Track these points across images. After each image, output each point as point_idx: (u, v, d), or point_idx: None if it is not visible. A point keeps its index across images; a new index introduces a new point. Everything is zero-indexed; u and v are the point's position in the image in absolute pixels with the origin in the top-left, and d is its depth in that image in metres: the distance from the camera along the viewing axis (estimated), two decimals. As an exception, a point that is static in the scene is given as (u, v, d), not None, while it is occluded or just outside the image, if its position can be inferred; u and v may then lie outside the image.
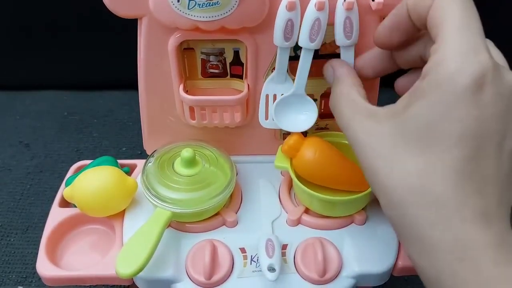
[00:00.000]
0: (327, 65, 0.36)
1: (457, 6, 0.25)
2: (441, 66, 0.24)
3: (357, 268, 0.36)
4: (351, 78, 0.34)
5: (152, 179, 0.38)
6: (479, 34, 0.25)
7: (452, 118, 0.24)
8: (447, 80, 0.24)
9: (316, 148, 0.38)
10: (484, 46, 0.24)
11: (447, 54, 0.24)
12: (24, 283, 0.48)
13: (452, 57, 0.24)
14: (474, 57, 0.24)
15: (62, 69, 0.71)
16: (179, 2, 0.33)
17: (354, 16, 0.35)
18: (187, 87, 0.41)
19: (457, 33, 0.24)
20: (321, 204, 0.38)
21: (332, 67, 0.36)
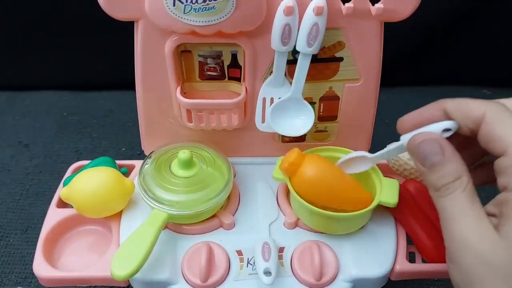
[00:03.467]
0: (431, 139, 0.30)
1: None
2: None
3: (354, 272, 0.36)
4: (469, 176, 0.29)
5: (149, 180, 0.38)
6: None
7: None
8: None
9: (316, 168, 0.37)
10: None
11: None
12: (24, 283, 0.48)
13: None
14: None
15: (62, 69, 0.71)
16: (175, 6, 0.33)
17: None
18: (185, 89, 0.41)
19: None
20: (319, 219, 0.37)
21: (440, 145, 0.29)
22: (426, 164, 0.29)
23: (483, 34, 0.70)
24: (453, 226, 0.27)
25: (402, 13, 0.36)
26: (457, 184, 0.28)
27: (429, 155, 0.29)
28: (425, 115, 0.31)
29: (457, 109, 0.29)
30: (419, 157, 0.30)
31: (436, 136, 0.30)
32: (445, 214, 0.28)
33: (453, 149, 0.29)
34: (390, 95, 0.73)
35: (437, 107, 0.31)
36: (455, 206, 0.28)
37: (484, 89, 0.76)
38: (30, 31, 0.68)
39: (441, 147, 0.29)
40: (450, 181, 0.28)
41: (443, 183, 0.28)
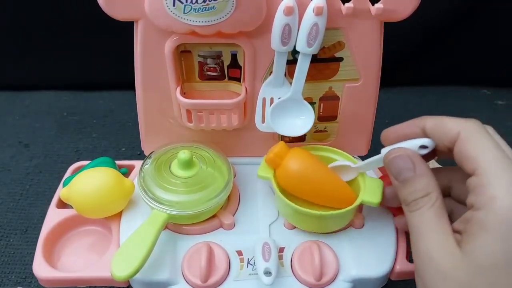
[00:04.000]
0: (404, 155, 0.31)
1: (487, 140, 0.28)
2: (497, 201, 0.26)
3: (354, 272, 0.36)
4: (438, 192, 0.30)
5: (149, 181, 0.38)
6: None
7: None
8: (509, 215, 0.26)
9: (300, 160, 0.37)
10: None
11: (499, 191, 0.26)
12: (24, 283, 0.48)
13: (506, 194, 0.26)
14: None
15: (62, 69, 0.71)
16: (175, 6, 0.33)
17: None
18: (185, 89, 0.41)
19: (500, 168, 0.27)
20: (300, 218, 0.38)
21: (412, 162, 0.30)
22: (399, 178, 0.31)
23: (483, 34, 0.70)
24: (418, 242, 0.28)
25: (402, 13, 0.36)
26: (426, 200, 0.29)
27: (402, 170, 0.31)
28: (405, 131, 0.33)
29: (435, 128, 0.31)
30: (393, 171, 0.31)
31: (410, 152, 0.31)
32: (413, 229, 0.29)
33: (425, 166, 0.30)
34: (390, 95, 0.73)
35: (417, 124, 0.32)
36: (422, 221, 0.29)
37: (484, 89, 0.76)
38: (30, 31, 0.68)
39: (413, 163, 0.30)
40: (419, 196, 0.29)
41: (413, 198, 0.29)
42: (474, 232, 0.26)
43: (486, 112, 0.72)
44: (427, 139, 0.31)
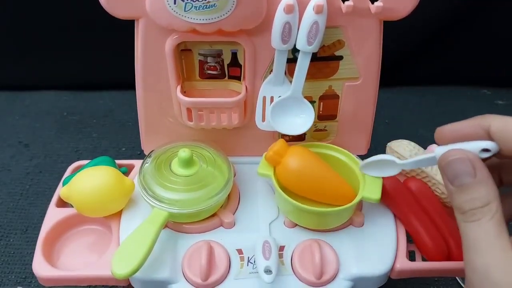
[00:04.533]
0: (464, 158, 0.28)
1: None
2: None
3: (354, 270, 0.36)
4: (499, 203, 0.27)
5: (149, 179, 0.38)
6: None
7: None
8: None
9: (300, 157, 0.37)
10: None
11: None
12: (24, 283, 0.48)
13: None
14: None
15: (62, 69, 0.72)
16: (176, 4, 0.33)
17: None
18: (185, 88, 0.41)
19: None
20: (301, 215, 0.37)
21: (473, 166, 0.27)
22: (455, 183, 0.27)
23: (483, 34, 0.70)
24: (475, 257, 0.26)
25: (401, 12, 0.36)
26: (485, 211, 0.26)
27: (460, 175, 0.27)
28: (466, 131, 0.29)
29: (502, 131, 0.27)
30: (449, 174, 0.28)
31: (471, 155, 0.27)
32: (469, 242, 0.27)
33: (486, 172, 0.27)
34: (390, 95, 0.73)
35: (480, 123, 0.29)
36: (480, 235, 0.26)
37: (484, 89, 0.77)
38: (30, 31, 0.68)
39: (473, 168, 0.27)
40: (478, 206, 0.26)
41: (471, 207, 0.27)
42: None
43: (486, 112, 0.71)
44: (490, 142, 0.28)
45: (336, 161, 0.40)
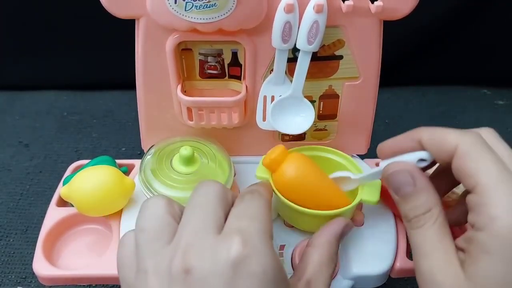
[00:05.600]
0: (403, 170, 0.30)
1: (487, 155, 0.27)
2: (498, 222, 0.25)
3: (354, 269, 0.36)
4: (440, 208, 0.29)
5: (150, 176, 0.38)
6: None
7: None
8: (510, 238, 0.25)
9: (297, 167, 0.36)
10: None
11: (500, 211, 0.25)
12: (24, 283, 0.48)
13: (506, 215, 0.25)
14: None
15: (62, 69, 0.71)
16: (176, 3, 0.33)
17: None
18: (185, 87, 0.41)
19: (501, 186, 0.26)
20: (300, 218, 0.37)
21: (412, 176, 0.30)
22: (399, 194, 0.30)
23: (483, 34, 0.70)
24: (421, 261, 0.28)
25: (402, 12, 0.36)
26: (428, 217, 0.28)
27: (401, 185, 0.30)
28: (401, 145, 0.32)
29: (431, 141, 0.29)
30: (392, 186, 0.30)
31: (409, 166, 0.30)
32: (415, 248, 0.28)
33: (425, 180, 0.29)
34: (390, 95, 0.73)
35: (412, 137, 0.31)
36: (424, 240, 0.28)
37: (484, 89, 0.77)
38: (30, 31, 0.68)
39: (412, 178, 0.29)
40: (421, 213, 0.28)
41: (414, 215, 0.29)
42: (476, 254, 0.26)
43: (486, 112, 0.72)
44: (425, 152, 0.30)
45: (335, 164, 0.40)
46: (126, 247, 0.28)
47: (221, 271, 0.24)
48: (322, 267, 0.31)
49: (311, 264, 0.31)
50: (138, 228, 0.28)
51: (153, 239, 0.27)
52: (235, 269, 0.24)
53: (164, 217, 0.28)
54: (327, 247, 0.32)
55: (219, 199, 0.29)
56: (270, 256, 0.26)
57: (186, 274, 0.24)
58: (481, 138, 0.28)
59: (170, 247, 0.26)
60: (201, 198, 0.29)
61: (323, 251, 0.32)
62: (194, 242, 0.26)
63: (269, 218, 0.29)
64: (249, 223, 0.27)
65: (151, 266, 0.26)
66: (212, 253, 0.25)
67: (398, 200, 0.30)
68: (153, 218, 0.28)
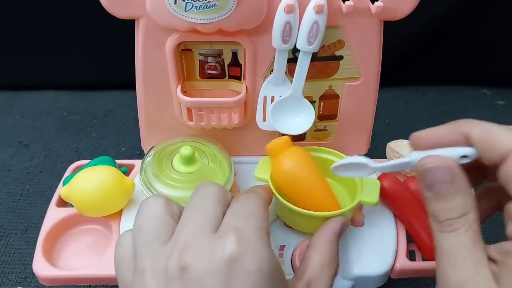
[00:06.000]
0: (444, 167, 0.27)
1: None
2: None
3: (355, 270, 0.36)
4: (476, 214, 0.26)
5: (150, 176, 0.38)
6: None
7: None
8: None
9: (295, 160, 0.36)
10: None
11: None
12: (24, 283, 0.48)
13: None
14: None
15: (62, 69, 0.71)
16: (176, 4, 0.33)
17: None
18: (185, 88, 0.41)
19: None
20: (298, 219, 0.37)
21: (452, 174, 0.26)
22: (432, 190, 0.27)
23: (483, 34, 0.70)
24: (450, 270, 0.25)
25: (402, 12, 0.36)
26: (462, 221, 0.25)
27: (438, 182, 0.26)
28: (445, 138, 0.28)
29: (482, 138, 0.26)
30: (426, 181, 0.27)
31: (451, 163, 0.27)
32: (443, 253, 0.26)
33: (465, 182, 0.26)
34: (390, 95, 0.73)
35: (459, 129, 0.28)
36: (455, 247, 0.25)
37: (484, 89, 0.77)
38: (30, 31, 0.68)
39: (452, 177, 0.26)
40: (455, 216, 0.26)
41: (447, 217, 0.26)
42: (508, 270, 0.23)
43: (486, 112, 0.72)
44: (470, 148, 0.27)
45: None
46: (124, 247, 0.28)
47: (216, 270, 0.24)
48: (324, 268, 0.31)
49: (311, 265, 0.31)
50: (136, 227, 0.28)
51: (151, 238, 0.27)
52: (230, 267, 0.24)
53: (163, 216, 0.28)
54: (327, 247, 0.32)
55: (218, 200, 0.29)
56: (266, 254, 0.26)
57: (183, 273, 0.24)
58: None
59: (167, 247, 0.26)
60: (200, 198, 0.29)
61: (324, 252, 0.32)
62: (191, 241, 0.26)
63: (265, 216, 0.29)
64: (244, 221, 0.27)
65: (148, 265, 0.26)
66: (208, 251, 0.25)
67: (429, 197, 0.27)
68: (152, 218, 0.28)
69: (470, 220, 0.25)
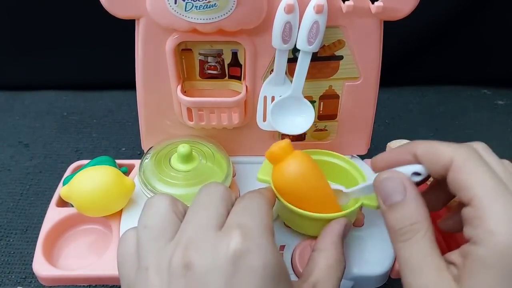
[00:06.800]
0: (395, 178, 0.29)
1: (482, 168, 0.26)
2: (496, 237, 0.24)
3: (354, 270, 0.36)
4: (429, 222, 0.27)
5: (149, 174, 0.38)
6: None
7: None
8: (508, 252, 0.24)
9: (299, 167, 0.35)
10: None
11: (497, 225, 0.25)
12: (24, 283, 0.48)
13: (504, 229, 0.24)
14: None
15: (62, 69, 0.72)
16: (176, 4, 0.33)
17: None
18: (185, 87, 0.41)
19: (497, 200, 0.25)
20: (300, 221, 0.37)
21: (403, 185, 0.28)
22: (387, 202, 0.28)
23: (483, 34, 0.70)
24: (412, 279, 0.26)
25: (402, 12, 0.36)
26: (416, 229, 0.27)
27: (391, 193, 0.28)
28: (396, 158, 0.31)
29: (426, 154, 0.29)
30: (381, 194, 0.29)
31: (401, 175, 0.29)
32: (403, 262, 0.27)
33: (416, 192, 0.28)
34: (390, 95, 0.73)
35: (407, 150, 0.30)
36: (412, 254, 0.27)
37: (484, 89, 0.77)
38: (29, 31, 0.68)
39: (404, 187, 0.28)
40: (409, 223, 0.27)
41: (401, 226, 0.27)
42: (473, 268, 0.25)
43: (486, 112, 0.72)
44: (419, 165, 0.29)
45: (337, 169, 0.40)
46: (127, 245, 0.28)
47: (220, 266, 0.24)
48: (330, 270, 0.31)
49: (317, 267, 0.31)
50: (141, 225, 0.28)
51: (156, 236, 0.27)
52: (235, 263, 0.24)
53: (168, 215, 0.28)
54: (333, 249, 0.32)
55: (223, 199, 0.29)
56: (271, 251, 0.26)
57: (187, 270, 0.24)
58: (475, 151, 0.27)
59: (171, 244, 0.26)
60: (205, 198, 0.29)
61: (330, 254, 0.32)
62: (196, 238, 0.26)
63: (270, 215, 0.29)
64: (249, 219, 0.27)
65: (152, 262, 0.26)
66: (212, 248, 0.25)
67: (385, 210, 0.29)
68: (157, 216, 0.28)
69: (424, 227, 0.27)
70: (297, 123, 0.39)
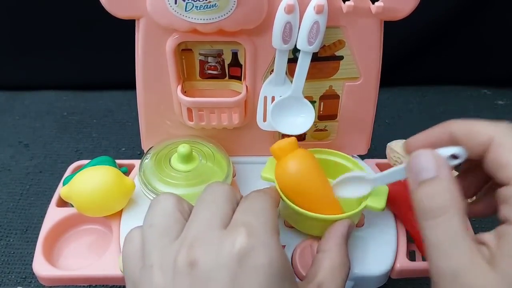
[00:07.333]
0: (428, 154, 0.27)
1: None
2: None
3: (355, 270, 0.36)
4: (462, 201, 0.26)
5: (149, 174, 0.38)
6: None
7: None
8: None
9: (301, 163, 0.35)
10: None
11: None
12: (24, 283, 0.48)
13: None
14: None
15: (62, 69, 0.72)
16: (176, 4, 0.33)
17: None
18: (186, 88, 0.41)
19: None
20: (304, 221, 0.36)
21: (437, 162, 0.27)
22: (418, 179, 0.27)
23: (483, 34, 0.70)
24: (440, 260, 0.25)
25: (402, 12, 0.36)
26: (448, 207, 0.25)
27: (423, 169, 0.27)
28: (431, 139, 0.29)
29: (463, 132, 0.27)
30: (412, 171, 0.27)
31: (436, 153, 0.27)
32: (431, 245, 0.25)
33: (449, 170, 0.27)
34: (390, 95, 0.73)
35: (443, 129, 0.29)
36: (443, 235, 0.25)
37: (484, 89, 0.77)
38: (29, 31, 0.68)
39: (437, 164, 0.26)
40: (440, 203, 0.25)
41: (432, 205, 0.25)
42: (510, 250, 0.23)
43: (486, 112, 0.72)
44: (458, 147, 0.27)
45: (340, 167, 0.40)
46: (132, 244, 0.28)
47: (225, 264, 0.24)
48: (335, 271, 0.31)
49: (322, 269, 0.31)
50: (147, 224, 0.28)
51: (161, 234, 0.27)
52: (240, 261, 0.24)
53: (173, 213, 0.28)
54: (337, 250, 0.32)
55: (227, 198, 0.29)
56: (276, 249, 0.26)
57: (191, 268, 0.24)
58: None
59: (177, 242, 0.26)
60: (210, 197, 0.29)
61: (334, 255, 0.32)
62: (200, 236, 0.26)
63: (275, 215, 0.29)
64: (254, 218, 0.27)
65: (157, 261, 0.26)
66: (217, 246, 0.25)
67: (415, 187, 0.27)
68: (162, 215, 0.28)
69: (456, 206, 0.25)
70: (297, 123, 0.39)
